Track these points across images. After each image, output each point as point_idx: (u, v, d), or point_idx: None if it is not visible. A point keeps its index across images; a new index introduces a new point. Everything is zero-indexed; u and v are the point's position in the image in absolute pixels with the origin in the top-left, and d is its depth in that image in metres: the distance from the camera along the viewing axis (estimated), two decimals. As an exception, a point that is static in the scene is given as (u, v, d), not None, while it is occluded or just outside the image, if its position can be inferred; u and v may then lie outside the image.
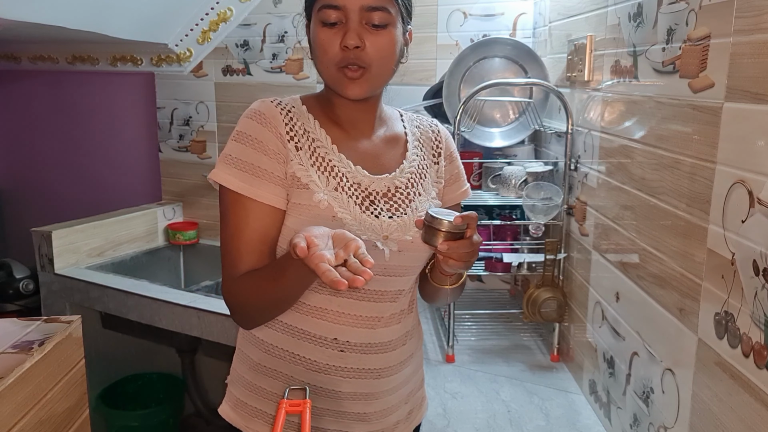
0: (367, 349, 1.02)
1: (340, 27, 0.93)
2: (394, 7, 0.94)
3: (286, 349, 1.02)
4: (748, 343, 0.88)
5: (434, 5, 2.23)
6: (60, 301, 2.29)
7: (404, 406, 1.11)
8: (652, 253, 1.20)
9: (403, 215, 1.01)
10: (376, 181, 1.00)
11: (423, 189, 1.05)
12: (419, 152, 1.07)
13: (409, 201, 1.02)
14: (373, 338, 1.02)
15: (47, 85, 3.08)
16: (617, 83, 1.40)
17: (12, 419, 1.06)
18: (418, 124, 1.11)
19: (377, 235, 0.98)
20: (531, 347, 1.88)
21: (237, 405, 1.07)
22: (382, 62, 0.95)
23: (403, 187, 1.02)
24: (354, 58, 0.93)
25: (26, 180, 3.25)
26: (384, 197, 1.01)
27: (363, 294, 1.00)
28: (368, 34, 0.93)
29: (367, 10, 0.92)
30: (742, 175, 0.90)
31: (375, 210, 0.99)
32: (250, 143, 0.95)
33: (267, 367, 1.03)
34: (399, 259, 1.00)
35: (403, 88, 2.22)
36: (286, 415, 0.87)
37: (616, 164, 1.40)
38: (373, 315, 1.01)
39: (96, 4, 2.20)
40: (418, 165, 1.06)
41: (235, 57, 2.59)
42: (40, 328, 1.25)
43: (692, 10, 1.05)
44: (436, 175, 1.08)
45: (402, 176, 1.03)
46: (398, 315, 1.05)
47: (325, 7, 0.93)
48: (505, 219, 1.94)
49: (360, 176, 1.00)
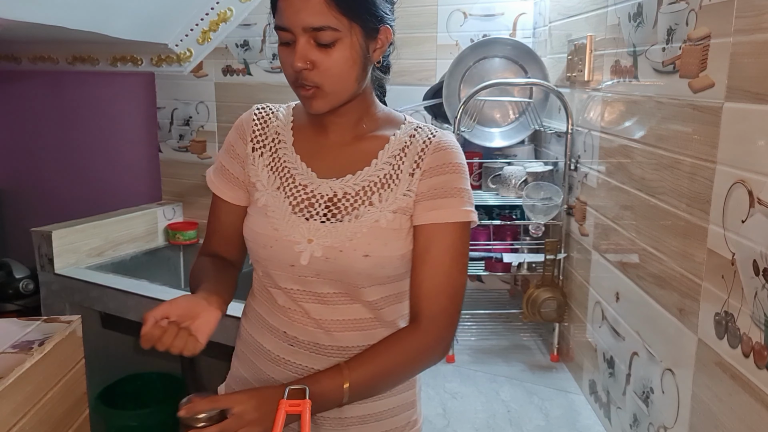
0: (319, 350, 1.00)
1: (293, 46, 0.92)
2: (343, 22, 0.90)
3: (252, 334, 1.08)
4: (748, 343, 0.88)
5: (434, 5, 2.23)
6: (60, 301, 2.29)
7: (374, 424, 1.03)
8: (652, 253, 1.20)
9: (337, 222, 0.97)
10: (322, 184, 1.00)
11: (380, 199, 0.98)
12: (395, 161, 1.00)
13: (352, 209, 0.98)
14: (323, 340, 1.00)
15: (47, 86, 3.08)
16: (617, 83, 1.40)
17: (12, 419, 1.06)
18: (417, 132, 1.02)
19: (301, 236, 0.97)
20: (531, 347, 1.88)
21: (227, 387, 1.13)
22: (333, 80, 0.93)
23: (352, 194, 0.98)
24: (302, 79, 0.93)
25: (26, 180, 3.25)
26: (328, 202, 0.99)
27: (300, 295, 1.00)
28: (317, 52, 0.91)
29: (311, 30, 0.90)
30: (742, 175, 0.90)
31: (309, 213, 0.99)
32: (226, 147, 1.09)
33: (243, 352, 1.10)
34: (326, 265, 0.96)
35: (403, 88, 2.22)
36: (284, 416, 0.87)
37: (616, 164, 1.40)
38: (318, 317, 0.99)
39: (96, 4, 2.20)
40: (387, 174, 0.99)
41: (235, 57, 2.59)
42: (40, 328, 1.25)
43: (692, 10, 1.05)
44: (407, 188, 0.98)
45: (356, 183, 0.99)
46: (357, 322, 1.00)
47: (277, 28, 0.94)
48: (505, 219, 1.94)
49: (308, 178, 1.01)
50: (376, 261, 0.96)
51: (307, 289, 1.00)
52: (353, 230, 0.96)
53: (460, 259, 0.98)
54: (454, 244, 0.97)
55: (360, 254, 0.95)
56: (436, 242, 0.97)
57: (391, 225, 0.97)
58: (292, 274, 0.99)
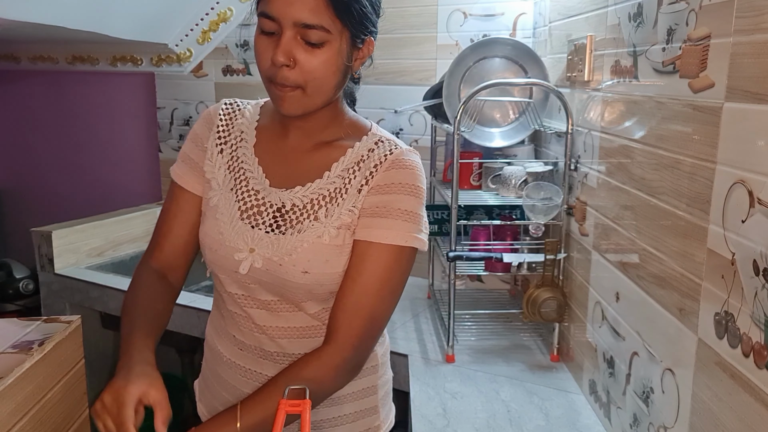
0: (265, 356, 1.00)
1: (275, 37, 0.87)
2: (336, 24, 0.86)
3: (210, 335, 1.09)
4: (748, 343, 0.88)
5: (434, 5, 2.23)
6: (60, 301, 2.29)
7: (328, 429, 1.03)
8: (652, 253, 1.20)
9: (280, 234, 0.95)
10: (272, 193, 0.98)
11: (326, 214, 0.95)
12: (348, 174, 0.96)
13: (296, 222, 0.95)
14: (269, 346, 1.00)
15: (47, 85, 3.09)
16: (617, 83, 1.40)
17: (12, 419, 1.06)
18: (377, 147, 0.97)
19: (244, 244, 0.96)
20: (531, 347, 1.88)
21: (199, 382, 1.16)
22: (316, 82, 0.89)
23: (300, 206, 0.96)
24: (281, 77, 0.88)
25: (26, 180, 3.25)
26: (276, 212, 0.97)
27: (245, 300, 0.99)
28: (302, 51, 0.87)
29: (302, 26, 0.85)
30: (742, 175, 0.90)
31: (256, 221, 0.97)
32: (191, 136, 1.07)
33: (205, 350, 1.12)
34: (266, 276, 0.95)
35: (403, 88, 2.23)
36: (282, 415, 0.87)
37: (616, 164, 1.40)
38: (262, 323, 0.99)
39: (96, 4, 2.20)
40: (337, 188, 0.96)
41: (235, 57, 2.59)
42: (40, 328, 1.25)
43: (692, 10, 1.05)
44: (352, 204, 0.95)
45: (305, 195, 0.96)
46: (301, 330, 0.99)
47: (262, 15, 0.88)
48: (505, 219, 1.94)
49: (261, 184, 0.99)
50: (316, 278, 0.94)
51: (250, 295, 0.99)
52: (294, 245, 0.94)
53: (390, 284, 0.93)
54: (389, 266, 0.93)
55: (299, 270, 0.93)
56: (369, 262, 0.92)
57: (334, 241, 0.94)
58: (236, 280, 0.98)
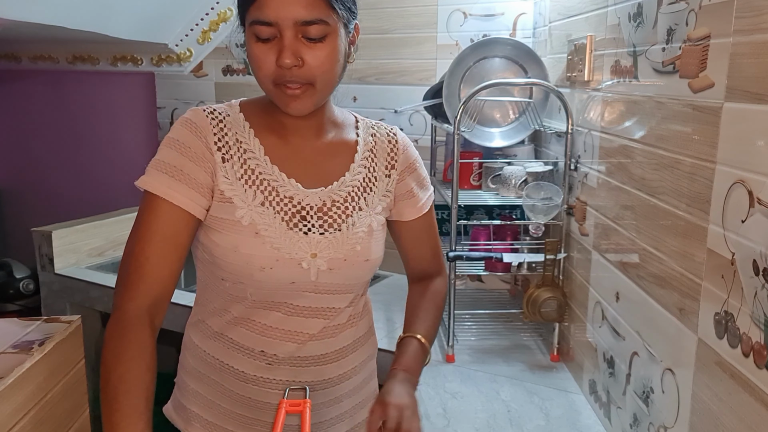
0: (298, 363, 0.98)
1: (274, 42, 0.86)
2: (333, 15, 0.86)
3: (216, 357, 0.99)
4: (748, 342, 0.88)
5: (434, 5, 2.23)
6: (60, 301, 2.29)
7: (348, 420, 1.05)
8: (652, 253, 1.20)
9: (336, 231, 0.95)
10: (310, 195, 0.95)
11: (366, 203, 0.99)
12: (369, 163, 1.00)
13: (345, 216, 0.96)
14: (302, 352, 0.97)
15: (47, 85, 3.09)
16: (617, 83, 1.40)
17: (12, 419, 1.06)
18: (375, 132, 1.04)
19: (305, 252, 0.93)
20: (531, 347, 1.88)
21: (178, 406, 1.06)
22: (325, 76, 0.89)
23: (341, 201, 0.96)
24: (292, 76, 0.86)
25: (26, 180, 3.25)
26: (319, 212, 0.95)
27: (290, 309, 0.96)
28: (306, 48, 0.86)
29: (302, 24, 0.84)
30: (742, 175, 0.90)
31: (305, 226, 0.94)
32: (177, 148, 0.91)
33: (201, 372, 1.02)
34: (330, 277, 0.95)
35: (403, 88, 2.23)
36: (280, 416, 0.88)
37: (616, 164, 1.40)
38: (302, 330, 0.96)
39: (96, 4, 2.20)
40: (365, 177, 1.00)
41: (235, 57, 2.59)
42: (40, 328, 1.25)
43: (692, 10, 1.05)
44: (386, 189, 1.01)
45: (341, 189, 0.97)
46: (332, 329, 0.99)
47: (256, 23, 0.85)
48: (505, 219, 1.94)
49: (293, 190, 0.94)
50: (374, 264, 1.00)
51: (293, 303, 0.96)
52: (353, 239, 0.96)
53: (437, 226, 1.15)
54: (433, 219, 1.13)
55: (362, 260, 0.97)
56: (425, 226, 1.10)
57: (379, 226, 1.00)
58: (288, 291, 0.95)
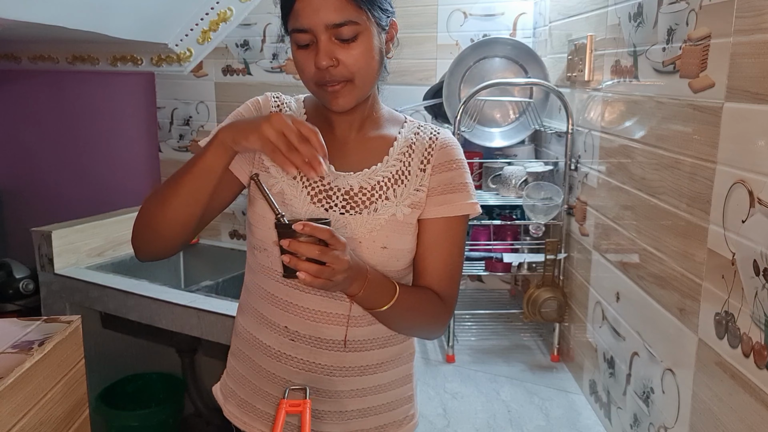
0: (319, 344, 1.01)
1: (312, 47, 0.94)
2: (362, 15, 0.93)
3: (249, 330, 1.07)
4: (749, 343, 0.88)
5: (434, 5, 2.23)
6: (60, 301, 2.29)
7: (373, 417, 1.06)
8: (652, 253, 1.20)
9: (357, 214, 1.00)
10: (339, 177, 1.02)
11: (395, 194, 1.02)
12: (405, 158, 1.04)
13: (369, 202, 1.01)
14: (323, 334, 1.01)
15: (47, 85, 3.08)
16: (617, 83, 1.40)
17: (12, 419, 1.06)
18: (420, 131, 1.08)
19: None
20: (531, 347, 1.88)
21: (222, 384, 1.15)
22: (362, 72, 0.95)
23: (368, 189, 1.02)
24: (330, 76, 0.94)
25: (26, 180, 3.25)
26: (345, 195, 1.01)
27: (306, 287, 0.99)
28: (340, 48, 0.93)
29: (333, 27, 0.91)
30: (743, 175, 0.90)
31: (328, 204, 1.01)
32: (236, 117, 1.05)
33: (238, 348, 1.10)
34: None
35: (403, 88, 2.23)
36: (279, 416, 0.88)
37: (616, 164, 1.40)
38: (320, 310, 1.00)
39: (96, 4, 2.20)
40: (398, 170, 1.04)
41: (235, 57, 2.59)
42: (40, 328, 1.25)
43: (692, 10, 1.05)
44: (419, 184, 1.04)
45: (371, 178, 1.02)
46: (357, 318, 1.01)
47: (294, 31, 0.94)
48: (505, 219, 1.94)
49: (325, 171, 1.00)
50: (393, 253, 1.00)
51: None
52: (372, 223, 1.00)
53: (462, 246, 1.07)
54: (460, 234, 1.06)
55: (378, 246, 0.99)
56: (446, 233, 1.04)
57: (407, 219, 1.02)
58: None
